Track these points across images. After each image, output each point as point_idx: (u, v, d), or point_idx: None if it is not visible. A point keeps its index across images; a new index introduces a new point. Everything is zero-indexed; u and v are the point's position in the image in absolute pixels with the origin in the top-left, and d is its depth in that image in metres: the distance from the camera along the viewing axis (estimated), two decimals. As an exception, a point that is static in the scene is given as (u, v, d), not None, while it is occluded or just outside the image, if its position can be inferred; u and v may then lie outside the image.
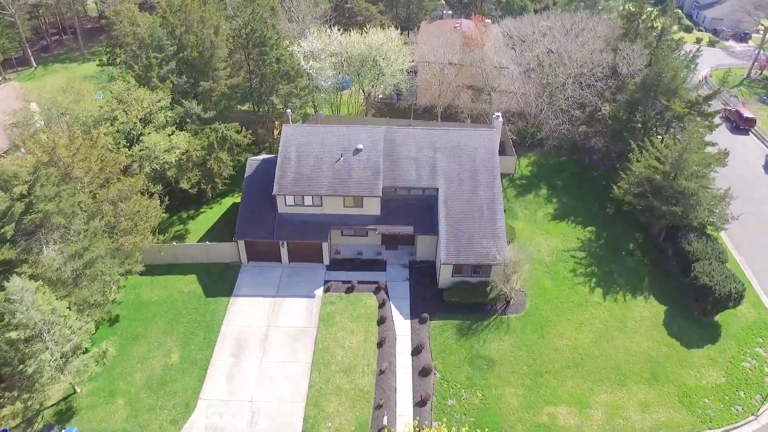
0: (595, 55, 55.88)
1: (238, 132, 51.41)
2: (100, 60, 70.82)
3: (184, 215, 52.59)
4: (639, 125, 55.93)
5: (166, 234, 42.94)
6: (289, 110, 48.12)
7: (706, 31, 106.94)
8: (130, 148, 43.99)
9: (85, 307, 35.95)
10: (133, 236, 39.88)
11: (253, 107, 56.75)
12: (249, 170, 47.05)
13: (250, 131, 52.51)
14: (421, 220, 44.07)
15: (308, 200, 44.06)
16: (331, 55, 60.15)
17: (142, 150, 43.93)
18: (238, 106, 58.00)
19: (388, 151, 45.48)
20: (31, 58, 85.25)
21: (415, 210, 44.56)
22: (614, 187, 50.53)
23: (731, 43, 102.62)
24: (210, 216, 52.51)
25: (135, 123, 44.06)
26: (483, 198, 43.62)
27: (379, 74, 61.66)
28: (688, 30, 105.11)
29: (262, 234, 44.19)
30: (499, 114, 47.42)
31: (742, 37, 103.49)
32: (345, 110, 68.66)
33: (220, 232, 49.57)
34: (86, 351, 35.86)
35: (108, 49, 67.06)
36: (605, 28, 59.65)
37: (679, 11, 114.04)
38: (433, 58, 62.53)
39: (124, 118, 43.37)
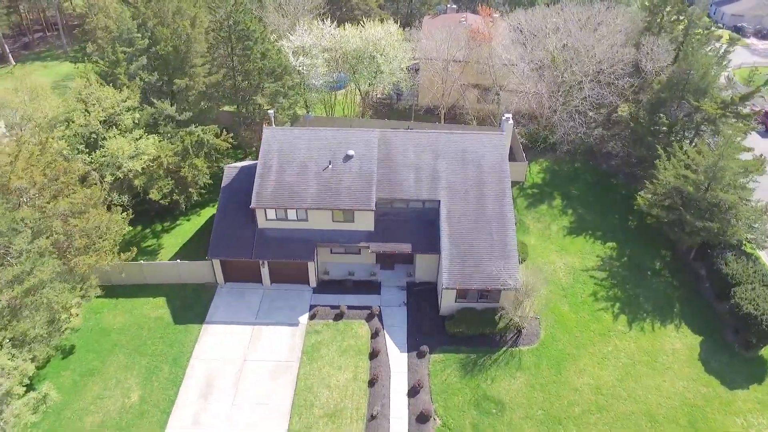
0: (615, 51, 50.32)
1: (217, 135, 46.12)
2: (73, 56, 65.64)
3: (159, 228, 47.32)
4: (664, 128, 50.31)
5: (129, 252, 37.59)
6: (271, 111, 42.77)
7: (725, 29, 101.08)
8: (90, 154, 38.70)
9: (25, 342, 30.66)
10: (89, 256, 34.60)
11: (237, 108, 51.45)
12: (226, 179, 41.69)
13: (231, 134, 47.23)
14: (420, 237, 38.63)
15: (292, 214, 38.69)
16: (323, 50, 54.80)
17: (104, 156, 38.65)
18: (222, 107, 52.80)
19: (384, 157, 40.06)
20: (9, 55, 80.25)
21: (413, 225, 39.13)
22: (637, 197, 44.97)
23: (753, 40, 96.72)
24: (187, 229, 47.22)
25: (95, 126, 38.76)
26: (491, 212, 38.14)
27: (376, 72, 56.27)
28: (706, 27, 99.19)
29: (240, 252, 38.83)
30: (510, 115, 41.94)
31: (765, 35, 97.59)
32: (340, 111, 63.31)
33: (197, 247, 44.25)
34: (27, 394, 30.58)
35: (82, 45, 61.93)
36: (625, 21, 54.05)
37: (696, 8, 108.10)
38: (436, 54, 57.13)
39: (82, 120, 38.08)
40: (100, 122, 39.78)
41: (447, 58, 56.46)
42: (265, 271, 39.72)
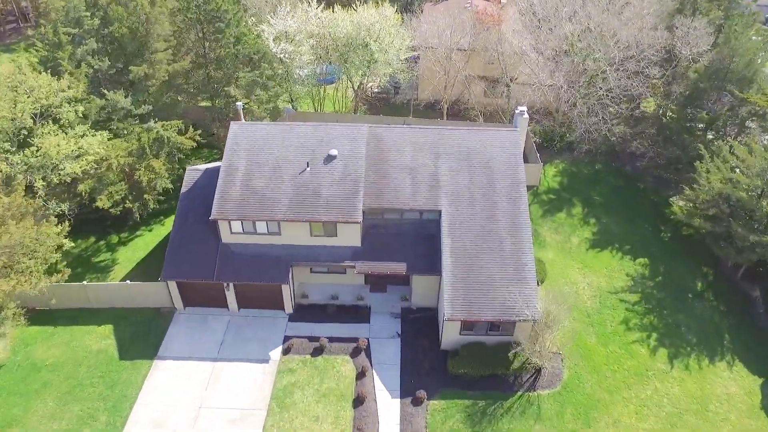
0: (645, 35, 43.43)
1: (181, 132, 39.46)
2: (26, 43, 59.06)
3: (115, 240, 40.66)
4: (701, 124, 43.53)
5: (60, 274, 31.06)
6: (239, 102, 36.00)
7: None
8: (17, 153, 32.10)
9: None
10: (7, 279, 28.07)
11: (211, 101, 44.76)
12: (187, 184, 35.02)
13: (200, 132, 40.56)
14: (417, 255, 31.92)
15: (261, 227, 32.02)
16: (309, 36, 48.10)
17: (35, 156, 32.04)
18: (197, 101, 46.16)
19: (374, 158, 33.35)
20: (-26, 47, 73.87)
21: (409, 240, 32.41)
22: (672, 204, 38.37)
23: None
24: (148, 241, 40.52)
25: (25, 120, 32.14)
26: (504, 224, 31.40)
27: (370, 61, 49.54)
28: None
29: (199, 272, 32.17)
30: (524, 108, 35.19)
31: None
32: (330, 107, 56.57)
33: (157, 263, 37.33)
34: None
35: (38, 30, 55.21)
36: (654, 2, 47.14)
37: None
38: (438, 41, 50.38)
39: (6, 112, 31.47)
40: (34, 116, 33.16)
41: (450, 46, 49.70)
42: (230, 295, 33.07)
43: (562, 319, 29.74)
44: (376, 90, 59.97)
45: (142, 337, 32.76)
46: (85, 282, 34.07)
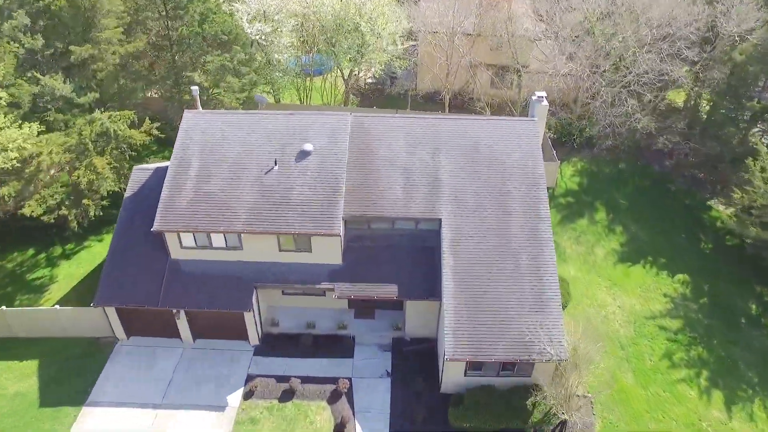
0: (681, 11, 36.99)
1: (134, 125, 33.24)
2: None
3: (57, 252, 34.47)
4: (746, 115, 37.19)
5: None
6: (194, 87, 29.70)
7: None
8: None
9: None
10: None
11: (174, 90, 38.43)
12: (132, 187, 28.75)
13: (157, 125, 34.22)
14: (412, 275, 25.63)
15: (218, 240, 25.75)
16: (290, 16, 41.84)
17: (-63, 153, 25.91)
18: (155, 89, 40.00)
19: (359, 154, 27.10)
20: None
21: (402, 256, 26.12)
22: (713, 209, 32.06)
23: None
24: (96, 253, 34.23)
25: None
26: (520, 236, 25.11)
27: (361, 46, 43.26)
28: None
29: (142, 296, 25.90)
30: (544, 95, 28.90)
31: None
32: (318, 99, 50.25)
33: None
34: None
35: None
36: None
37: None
38: (440, 24, 44.07)
39: None
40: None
41: (453, 28, 43.40)
42: (182, 324, 26.84)
43: (595, 357, 23.40)
44: (370, 80, 53.76)
45: (71, 375, 26.53)
46: (4, 307, 27.80)
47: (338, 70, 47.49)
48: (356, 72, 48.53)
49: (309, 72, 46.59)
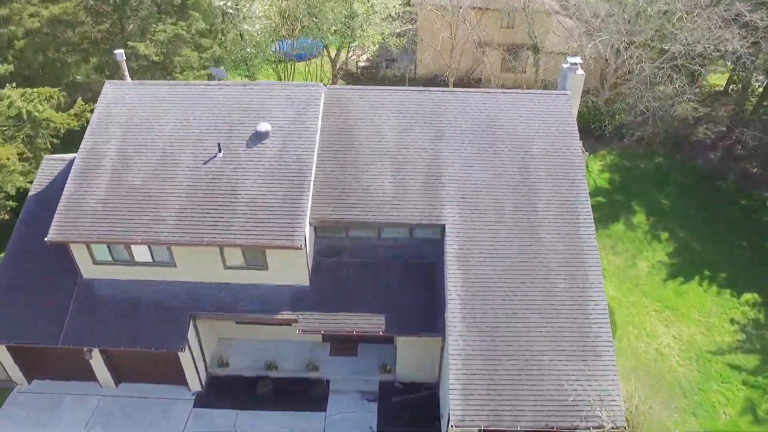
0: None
1: (59, 105, 26.47)
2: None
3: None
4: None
5: None
6: (119, 51, 22.78)
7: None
8: None
9: None
10: None
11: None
12: (39, 184, 21.90)
13: (93, 107, 27.46)
14: (404, 302, 18.77)
15: (142, 253, 18.90)
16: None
17: None
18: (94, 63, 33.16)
19: (334, 138, 20.28)
20: None
21: (391, 276, 19.25)
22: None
23: None
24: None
25: None
26: (554, 251, 18.23)
27: (349, 17, 36.44)
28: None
29: (40, 331, 19.05)
30: (578, 61, 22.01)
31: None
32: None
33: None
34: None
35: None
36: None
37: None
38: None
39: None
40: None
41: (458, 1, 36.59)
42: (98, 365, 20.03)
43: (666, 423, 16.49)
44: (363, 63, 46.95)
45: (-53, 435, 19.77)
46: None
47: (325, 50, 40.73)
48: (348, 52, 41.75)
49: (290, 57, 39.69)
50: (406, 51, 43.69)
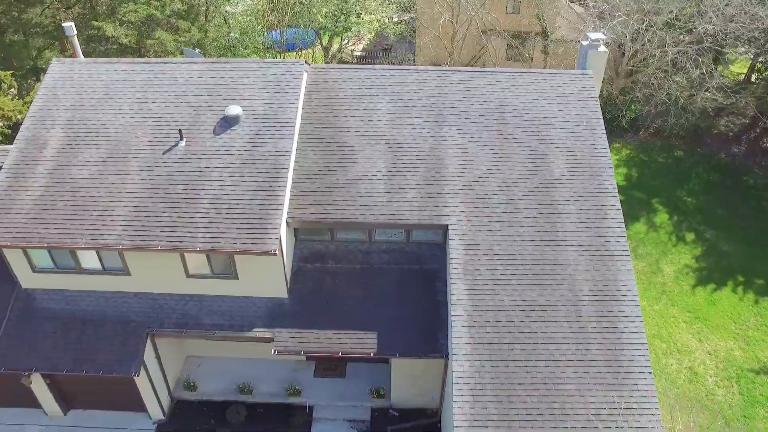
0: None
1: (8, 91, 23.57)
2: None
3: None
4: None
5: None
6: (68, 24, 19.76)
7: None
8: None
9: None
10: None
11: (89, 48, 28.66)
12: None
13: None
14: (400, 317, 15.84)
15: (91, 259, 15.96)
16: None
17: None
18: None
19: (318, 124, 17.37)
20: None
21: (384, 286, 16.32)
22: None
23: None
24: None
25: None
26: (578, 257, 15.28)
27: (344, 1, 33.55)
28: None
29: (-32, 349, 16.16)
30: (601, 37, 19.06)
31: None
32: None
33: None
34: None
35: None
36: None
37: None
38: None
39: None
40: None
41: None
42: (41, 390, 17.10)
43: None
44: (358, 53, 44.14)
45: None
46: None
47: (318, 40, 37.88)
48: (343, 40, 38.90)
49: (280, 47, 36.71)
50: (404, 39, 40.90)
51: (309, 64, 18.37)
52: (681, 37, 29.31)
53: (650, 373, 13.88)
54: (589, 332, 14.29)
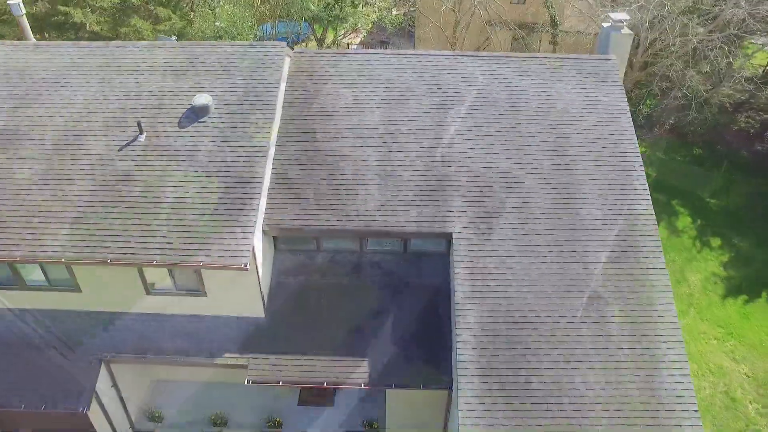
0: None
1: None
2: None
3: None
4: None
5: None
6: (14, 2, 17.48)
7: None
8: None
9: None
10: None
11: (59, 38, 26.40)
12: None
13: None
14: (395, 340, 13.52)
15: (31, 272, 13.65)
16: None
17: None
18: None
19: (302, 117, 15.03)
20: None
21: (378, 304, 13.97)
22: None
23: None
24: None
25: None
26: (606, 271, 12.94)
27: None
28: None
29: None
30: (625, 18, 16.75)
31: None
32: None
33: None
34: None
35: None
36: None
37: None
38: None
39: None
40: None
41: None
42: (-19, 423, 14.79)
43: None
44: (355, 47, 41.91)
45: None
46: None
47: (312, 34, 35.65)
48: (338, 34, 36.67)
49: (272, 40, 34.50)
50: (403, 31, 38.68)
51: (293, 48, 16.06)
52: (703, 25, 26.95)
53: (696, 411, 11.54)
54: (621, 361, 11.95)
